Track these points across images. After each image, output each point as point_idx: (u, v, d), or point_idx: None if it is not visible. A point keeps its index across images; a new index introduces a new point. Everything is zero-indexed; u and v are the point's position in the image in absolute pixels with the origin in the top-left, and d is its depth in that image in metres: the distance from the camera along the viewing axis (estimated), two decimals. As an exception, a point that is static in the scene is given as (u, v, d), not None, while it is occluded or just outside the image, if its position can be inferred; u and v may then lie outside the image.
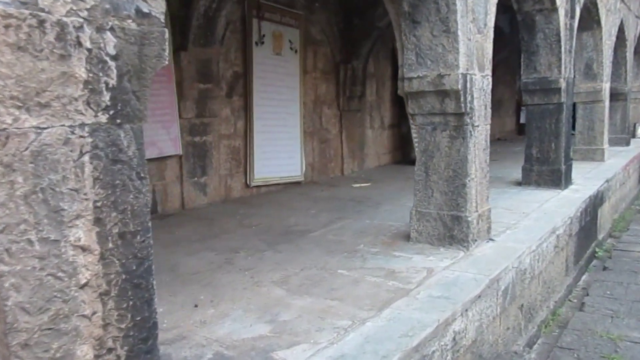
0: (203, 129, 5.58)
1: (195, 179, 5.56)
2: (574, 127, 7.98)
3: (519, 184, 6.28)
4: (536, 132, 6.09)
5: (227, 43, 5.85)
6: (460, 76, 3.45)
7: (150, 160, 4.96)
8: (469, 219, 3.63)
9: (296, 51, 6.68)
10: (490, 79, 3.87)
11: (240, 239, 4.18)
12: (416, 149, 3.85)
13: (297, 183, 6.86)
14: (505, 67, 12.69)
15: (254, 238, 4.23)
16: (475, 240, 3.72)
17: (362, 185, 6.92)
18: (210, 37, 5.41)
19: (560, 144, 5.97)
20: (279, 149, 6.49)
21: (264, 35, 6.17)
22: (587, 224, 5.65)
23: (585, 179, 6.67)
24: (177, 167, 5.39)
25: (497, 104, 12.72)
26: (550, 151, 6.02)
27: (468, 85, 3.52)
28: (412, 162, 4.22)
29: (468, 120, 3.58)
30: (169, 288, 3.02)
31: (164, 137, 5.12)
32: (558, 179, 5.98)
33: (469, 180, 3.63)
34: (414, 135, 3.85)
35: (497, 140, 12.98)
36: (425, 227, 3.82)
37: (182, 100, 5.28)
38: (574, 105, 7.51)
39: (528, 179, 6.19)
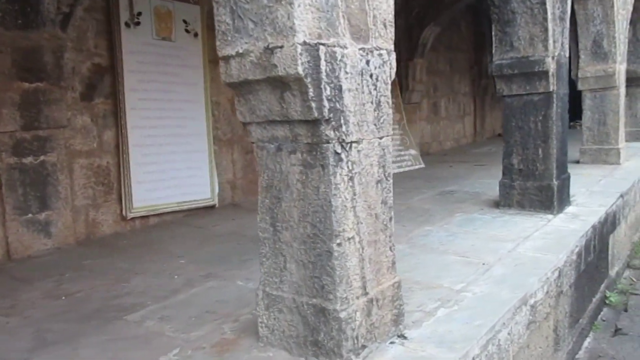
0: (39, 146, 3.99)
1: (30, 215, 3.98)
2: (572, 121, 6.17)
3: (497, 204, 4.55)
4: (517, 134, 4.35)
5: (80, 25, 4.25)
6: (300, 49, 1.77)
7: None
8: (341, 314, 1.95)
9: (196, 34, 5.04)
10: (388, 57, 2.17)
11: (19, 328, 2.58)
12: (259, 184, 2.19)
13: (210, 207, 5.24)
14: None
15: (44, 323, 2.63)
16: (363, 347, 2.05)
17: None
18: (34, 15, 3.81)
19: (550, 150, 4.22)
20: (174, 165, 4.87)
21: (139, 14, 4.55)
22: (591, 263, 3.90)
23: (591, 195, 4.89)
24: (-6, 202, 3.82)
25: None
26: (537, 160, 4.27)
27: (324, 66, 1.84)
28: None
29: (331, 134, 1.90)
30: None
31: (-42, 161, 3.54)
32: (548, 199, 4.23)
33: (339, 244, 1.95)
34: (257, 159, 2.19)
35: (497, 136, 11.16)
36: (278, 322, 2.16)
37: (-8, 107, 3.71)
38: (576, 94, 5.72)
39: (508, 199, 4.45)
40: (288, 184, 2.05)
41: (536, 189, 4.28)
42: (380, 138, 2.15)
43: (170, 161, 4.82)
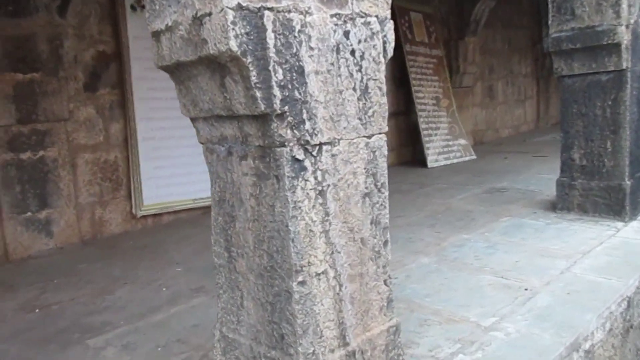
0: (37, 140, 3.73)
1: (29, 214, 3.73)
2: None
3: (554, 207, 3.83)
4: (579, 123, 3.60)
5: (82, 10, 3.93)
6: (232, 17, 1.26)
7: None
8: (306, 377, 1.45)
9: (212, 17, 4.60)
10: (381, 27, 1.61)
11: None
12: (211, 196, 1.70)
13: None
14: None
15: (1, 343, 2.32)
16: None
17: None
18: (25, 1, 3.51)
19: (621, 143, 3.45)
20: (188, 159, 4.49)
21: (147, -5, 4.16)
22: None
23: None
24: (-11, 200, 3.60)
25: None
26: (605, 155, 3.52)
27: (272, 39, 1.31)
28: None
29: (286, 133, 1.37)
30: None
31: (-55, 158, 3.32)
32: (618, 202, 3.48)
33: (301, 283, 1.44)
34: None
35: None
36: (237, 373, 1.69)
37: (-17, 99, 3.46)
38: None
39: (566, 202, 3.72)
40: (241, 198, 1.56)
41: (602, 189, 3.53)
42: (369, 137, 1.60)
43: (185, 155, 4.44)
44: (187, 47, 1.42)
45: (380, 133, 1.64)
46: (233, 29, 1.26)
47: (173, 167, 4.42)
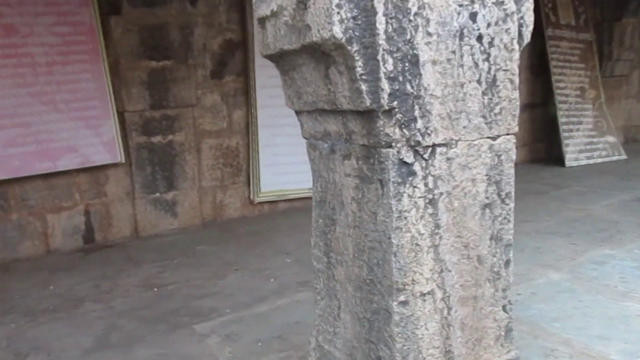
0: (167, 125, 3.95)
1: (157, 194, 3.99)
2: None
3: None
4: None
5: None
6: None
7: (74, 172, 3.60)
8: (402, 410, 1.28)
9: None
10: (516, 6, 1.34)
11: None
12: (312, 196, 1.59)
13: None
14: None
15: (119, 319, 2.50)
16: None
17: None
18: (160, -9, 3.71)
19: None
20: (304, 149, 4.47)
21: (272, -17, 4.18)
22: None
23: None
24: (125, 180, 3.90)
25: None
26: None
27: (382, 24, 1.14)
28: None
29: (394, 133, 1.20)
30: None
31: (90, 139, 3.65)
32: None
33: (402, 303, 1.27)
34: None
35: None
36: (330, 387, 1.57)
37: (123, 85, 3.73)
38: None
39: None
40: (342, 201, 1.42)
41: None
42: (494, 138, 1.36)
43: (302, 143, 4.38)
44: (290, 34, 1.30)
45: (508, 134, 1.38)
46: (338, 12, 1.11)
47: (291, 155, 4.43)
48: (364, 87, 1.17)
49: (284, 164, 4.43)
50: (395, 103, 1.18)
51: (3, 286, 3.05)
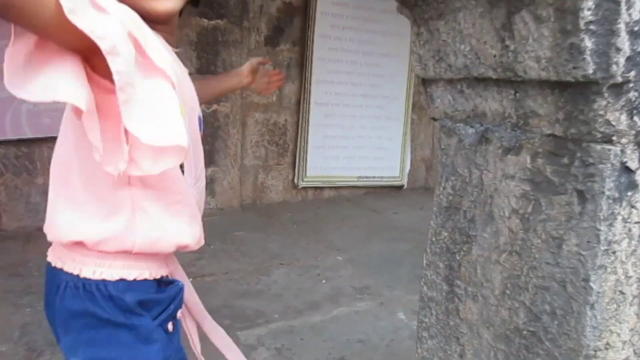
0: (213, 93, 3.55)
1: (196, 169, 3.61)
2: None
3: None
4: None
5: (275, -45, 3.63)
6: None
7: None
8: None
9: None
10: None
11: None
12: (435, 197, 1.16)
13: (397, 188, 4.35)
14: None
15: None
16: None
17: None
18: (220, -58, 3.28)
19: None
20: (359, 132, 4.07)
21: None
22: None
23: None
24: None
25: None
26: None
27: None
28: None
29: (621, 120, 0.76)
30: None
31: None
32: None
33: (590, 377, 0.84)
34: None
35: None
36: None
37: (169, 44, 3.34)
38: None
39: None
40: (491, 212, 0.99)
41: None
42: None
43: (356, 127, 4.02)
44: (455, -41, 0.87)
45: None
46: None
47: (343, 139, 4.02)
48: (588, 42, 0.73)
49: (335, 147, 4.02)
50: (632, 74, 0.74)
51: (22, 259, 2.72)
